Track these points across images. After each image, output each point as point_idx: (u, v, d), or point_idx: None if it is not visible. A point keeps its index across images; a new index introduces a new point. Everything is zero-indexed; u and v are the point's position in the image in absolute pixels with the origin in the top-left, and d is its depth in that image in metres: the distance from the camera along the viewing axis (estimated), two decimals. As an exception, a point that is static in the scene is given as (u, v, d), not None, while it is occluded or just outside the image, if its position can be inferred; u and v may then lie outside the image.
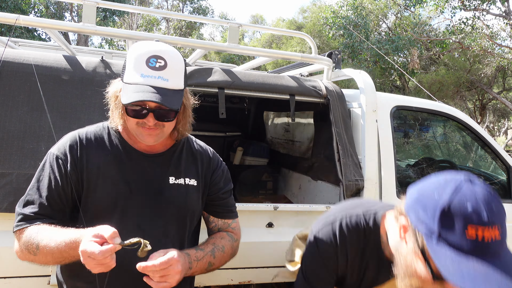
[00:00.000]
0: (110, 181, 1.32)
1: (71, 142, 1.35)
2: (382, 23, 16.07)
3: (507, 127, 26.24)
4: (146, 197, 1.35)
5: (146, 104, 1.25)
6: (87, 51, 3.27)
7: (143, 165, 1.37)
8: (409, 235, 1.03)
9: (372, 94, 2.51)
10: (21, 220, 1.28)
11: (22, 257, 1.29)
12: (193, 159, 1.48)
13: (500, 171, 2.99)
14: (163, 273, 1.17)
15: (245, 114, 4.24)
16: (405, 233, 1.06)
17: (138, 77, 1.24)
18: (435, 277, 0.97)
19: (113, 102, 1.33)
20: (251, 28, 2.78)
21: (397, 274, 1.06)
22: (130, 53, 1.30)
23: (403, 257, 1.05)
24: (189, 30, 22.52)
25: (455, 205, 0.94)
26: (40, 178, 1.32)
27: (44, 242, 1.22)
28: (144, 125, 1.28)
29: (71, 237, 1.19)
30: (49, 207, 1.29)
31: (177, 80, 1.29)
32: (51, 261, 1.24)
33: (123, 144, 1.38)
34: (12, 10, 12.49)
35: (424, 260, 0.98)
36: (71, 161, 1.31)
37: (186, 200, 1.40)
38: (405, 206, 1.07)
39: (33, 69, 1.84)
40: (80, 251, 1.10)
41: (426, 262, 0.98)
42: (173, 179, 1.40)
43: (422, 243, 0.98)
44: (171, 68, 1.27)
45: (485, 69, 14.77)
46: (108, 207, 1.31)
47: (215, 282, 2.15)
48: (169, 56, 1.28)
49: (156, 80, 1.24)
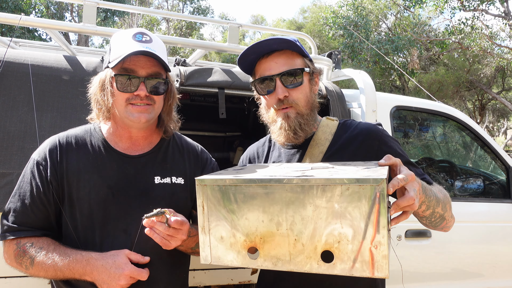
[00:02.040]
0: (91, 185, 1.29)
1: (51, 146, 1.32)
2: (382, 23, 16.08)
3: (507, 127, 26.24)
4: (131, 200, 1.31)
5: (136, 72, 1.26)
6: (88, 51, 3.26)
7: (125, 166, 1.34)
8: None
9: (372, 94, 2.52)
10: (6, 232, 1.26)
11: (11, 264, 1.28)
12: (180, 157, 1.45)
13: (500, 171, 3.00)
14: (172, 233, 1.18)
15: (245, 114, 4.24)
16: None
17: (125, 49, 1.25)
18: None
19: (99, 89, 1.31)
20: (251, 28, 2.78)
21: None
22: (112, 39, 1.33)
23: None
24: (189, 30, 22.51)
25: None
26: (22, 184, 1.30)
27: (39, 259, 1.21)
28: (135, 100, 1.27)
29: (76, 258, 1.21)
30: (33, 214, 1.27)
31: (163, 55, 1.31)
32: (44, 276, 1.24)
33: (105, 146, 1.35)
34: (12, 10, 12.50)
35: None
36: (51, 166, 1.29)
37: (173, 199, 1.37)
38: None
39: (34, 69, 1.85)
40: (125, 272, 1.18)
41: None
42: (158, 178, 1.37)
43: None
44: (156, 43, 1.31)
45: (485, 69, 14.78)
46: (91, 212, 1.28)
47: (215, 282, 2.15)
48: (153, 35, 1.33)
49: (145, 49, 1.25)
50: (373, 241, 0.89)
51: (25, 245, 1.24)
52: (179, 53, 18.60)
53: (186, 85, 2.13)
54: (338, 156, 1.35)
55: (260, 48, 1.34)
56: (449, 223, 1.33)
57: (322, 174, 0.98)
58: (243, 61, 1.41)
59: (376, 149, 1.34)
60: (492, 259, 2.75)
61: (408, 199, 0.98)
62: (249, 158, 1.58)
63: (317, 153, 1.37)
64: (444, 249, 2.61)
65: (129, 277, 1.18)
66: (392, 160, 1.07)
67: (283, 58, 1.34)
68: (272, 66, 1.34)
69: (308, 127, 1.39)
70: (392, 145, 1.36)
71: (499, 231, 2.76)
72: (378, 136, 1.36)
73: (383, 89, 16.20)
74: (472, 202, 2.77)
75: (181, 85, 2.12)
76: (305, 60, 1.39)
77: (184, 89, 2.14)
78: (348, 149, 1.36)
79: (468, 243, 2.69)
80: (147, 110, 1.29)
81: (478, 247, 2.73)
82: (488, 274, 2.75)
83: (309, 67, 1.39)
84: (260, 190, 0.97)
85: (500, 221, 2.79)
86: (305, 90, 1.38)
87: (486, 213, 2.79)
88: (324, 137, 1.40)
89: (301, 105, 1.36)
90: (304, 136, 1.40)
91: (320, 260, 0.93)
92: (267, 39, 1.31)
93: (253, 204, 0.98)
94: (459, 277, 2.70)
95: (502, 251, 2.78)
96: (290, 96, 1.35)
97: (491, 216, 2.80)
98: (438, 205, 1.22)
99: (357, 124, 1.43)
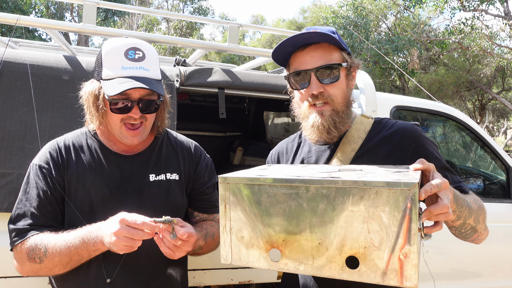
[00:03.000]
0: (89, 185, 1.32)
1: (51, 150, 1.36)
2: (382, 23, 16.08)
3: (507, 127, 26.25)
4: (127, 198, 1.35)
5: (130, 96, 1.27)
6: (88, 51, 3.27)
7: (121, 166, 1.38)
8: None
9: (371, 94, 2.52)
10: (16, 236, 1.27)
11: (25, 271, 1.28)
12: (173, 154, 1.48)
13: (500, 171, 3.00)
14: (179, 244, 1.18)
15: (245, 114, 4.24)
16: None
17: (119, 70, 1.26)
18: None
19: (92, 103, 1.32)
20: (251, 28, 2.78)
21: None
22: (103, 50, 1.31)
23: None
24: (190, 31, 22.52)
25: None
26: (27, 190, 1.31)
27: (52, 243, 1.22)
28: (129, 121, 1.30)
29: (87, 230, 1.21)
30: (42, 216, 1.29)
31: (156, 70, 1.33)
32: (58, 264, 1.24)
33: (101, 147, 1.39)
34: (12, 11, 12.50)
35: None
36: (55, 167, 1.32)
37: (169, 195, 1.41)
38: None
39: (34, 69, 1.85)
40: (119, 220, 1.13)
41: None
42: (153, 176, 1.40)
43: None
44: (149, 59, 1.31)
45: (485, 69, 14.78)
46: (90, 211, 1.31)
47: (215, 282, 2.15)
48: (145, 48, 1.32)
49: (138, 71, 1.27)
50: (402, 249, 0.84)
51: (35, 239, 1.25)
52: (179, 53, 18.60)
53: (186, 85, 2.13)
54: (371, 155, 1.29)
55: (297, 41, 1.28)
56: (481, 236, 1.27)
57: (350, 176, 0.94)
58: (277, 54, 1.35)
59: (412, 151, 1.26)
60: (492, 259, 2.75)
61: (441, 207, 0.92)
62: (278, 153, 1.53)
63: (349, 151, 1.31)
64: (444, 249, 2.61)
65: (123, 225, 1.14)
66: (426, 165, 1.00)
67: (320, 51, 1.27)
68: (308, 60, 1.28)
69: (342, 125, 1.32)
70: (429, 148, 1.28)
71: (499, 231, 2.76)
72: (416, 137, 1.28)
73: (383, 89, 16.20)
74: (472, 202, 2.77)
75: (181, 85, 2.12)
76: (343, 54, 1.31)
77: (184, 89, 2.14)
78: (382, 149, 1.29)
79: (468, 243, 2.69)
80: (139, 133, 1.32)
81: (478, 247, 2.71)
82: (488, 274, 2.75)
83: (347, 61, 1.31)
84: (284, 190, 0.94)
85: (500, 221, 2.79)
86: (341, 85, 1.30)
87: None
88: (358, 135, 1.33)
89: (337, 101, 1.29)
90: (338, 135, 1.33)
91: (345, 266, 0.89)
92: (304, 33, 1.25)
93: (276, 204, 0.95)
94: (459, 277, 2.69)
95: (502, 251, 2.78)
96: (325, 92, 1.28)
97: (491, 216, 2.78)
98: (471, 216, 1.15)
99: (393, 123, 1.35)
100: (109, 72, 1.28)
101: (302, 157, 1.41)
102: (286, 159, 1.48)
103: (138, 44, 1.31)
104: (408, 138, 1.28)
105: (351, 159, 1.29)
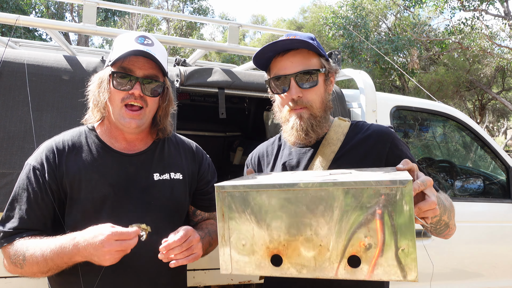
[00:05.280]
0: (93, 184, 1.30)
1: (47, 151, 1.33)
2: (381, 23, 16.08)
3: (507, 127, 26.24)
4: (132, 197, 1.34)
5: (133, 72, 1.28)
6: (88, 51, 3.27)
7: (125, 165, 1.36)
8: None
9: (371, 94, 2.52)
10: (3, 238, 1.27)
11: (11, 271, 1.29)
12: (176, 153, 1.48)
13: (500, 171, 3.00)
14: (186, 245, 1.19)
15: (245, 114, 4.24)
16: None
17: (127, 49, 1.28)
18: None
19: (96, 85, 1.33)
20: (251, 28, 2.78)
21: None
22: (116, 41, 1.36)
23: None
24: (190, 30, 22.51)
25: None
26: (18, 191, 1.30)
27: (30, 252, 1.21)
28: (129, 100, 1.29)
29: (62, 241, 1.19)
30: (29, 220, 1.27)
31: (163, 59, 1.34)
32: (37, 272, 1.23)
33: (103, 146, 1.37)
34: (13, 11, 12.50)
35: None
36: (48, 171, 1.29)
37: (173, 194, 1.40)
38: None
39: (34, 69, 1.85)
40: (107, 235, 1.11)
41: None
42: (157, 175, 1.39)
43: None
44: (158, 48, 1.33)
45: (485, 69, 14.79)
46: (94, 211, 1.30)
47: (215, 282, 2.15)
48: (155, 39, 1.35)
49: (146, 47, 1.29)
50: (401, 244, 0.87)
51: (17, 245, 1.25)
52: (179, 53, 18.60)
53: (186, 85, 2.13)
54: (350, 156, 1.35)
55: (277, 47, 1.33)
56: (451, 231, 1.34)
57: (344, 178, 0.96)
58: (259, 59, 1.40)
59: (387, 151, 1.34)
60: (492, 259, 2.75)
61: (430, 203, 0.98)
62: (258, 156, 1.56)
63: (329, 153, 1.36)
64: (444, 249, 2.61)
65: (113, 241, 1.13)
66: (410, 165, 1.06)
67: (299, 57, 1.33)
68: (287, 65, 1.33)
69: (320, 128, 1.38)
70: (402, 149, 1.36)
71: (499, 231, 2.76)
72: (390, 139, 1.36)
73: (383, 89, 16.20)
74: (472, 202, 2.77)
75: (181, 85, 2.12)
76: (321, 59, 1.37)
77: (184, 89, 2.14)
78: (360, 150, 1.35)
79: (468, 243, 2.69)
80: (138, 115, 1.31)
81: (478, 247, 2.73)
82: (488, 274, 2.75)
83: (325, 67, 1.37)
84: (282, 195, 0.94)
85: (500, 221, 2.79)
86: (319, 90, 1.36)
87: (486, 213, 2.79)
88: (336, 137, 1.40)
89: (315, 106, 1.35)
90: (316, 138, 1.39)
91: (347, 266, 0.90)
92: (284, 39, 1.30)
93: (275, 209, 0.94)
94: (459, 277, 2.69)
95: (502, 251, 2.78)
96: (304, 97, 1.33)
97: (491, 216, 2.80)
98: (445, 213, 1.21)
99: (369, 125, 1.42)
100: (116, 55, 1.29)
101: (283, 160, 1.45)
102: (267, 162, 1.51)
103: (148, 34, 1.36)
104: (383, 140, 1.36)
105: (331, 160, 1.35)
